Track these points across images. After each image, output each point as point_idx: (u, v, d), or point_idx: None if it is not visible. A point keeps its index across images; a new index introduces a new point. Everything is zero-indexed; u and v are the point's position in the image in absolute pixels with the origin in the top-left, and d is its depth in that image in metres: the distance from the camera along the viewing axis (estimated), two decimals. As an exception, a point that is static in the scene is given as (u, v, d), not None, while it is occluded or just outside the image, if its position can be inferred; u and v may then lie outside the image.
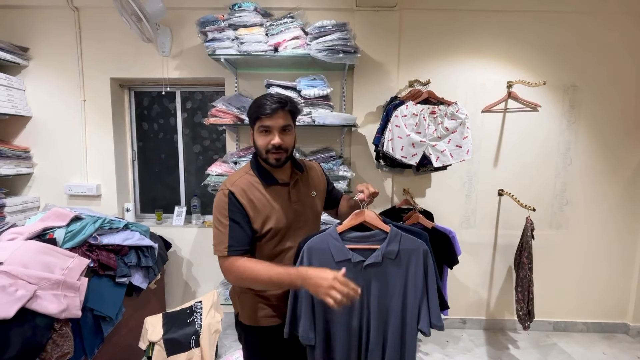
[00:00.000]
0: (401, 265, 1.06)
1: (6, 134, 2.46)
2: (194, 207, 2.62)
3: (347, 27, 2.09)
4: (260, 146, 1.10)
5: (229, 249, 1.04)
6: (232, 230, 1.05)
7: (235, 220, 1.06)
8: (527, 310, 2.16)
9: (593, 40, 2.36)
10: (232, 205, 1.06)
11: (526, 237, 2.16)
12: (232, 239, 1.05)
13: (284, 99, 1.09)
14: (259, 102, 1.09)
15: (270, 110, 1.05)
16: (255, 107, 1.09)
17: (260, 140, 1.10)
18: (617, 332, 2.57)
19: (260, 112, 1.06)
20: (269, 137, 1.08)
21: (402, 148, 1.98)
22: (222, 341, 2.30)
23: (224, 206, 1.07)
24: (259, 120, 1.08)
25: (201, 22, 2.13)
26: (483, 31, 2.36)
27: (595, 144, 2.45)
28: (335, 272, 0.92)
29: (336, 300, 0.87)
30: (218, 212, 1.08)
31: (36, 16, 2.39)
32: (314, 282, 0.92)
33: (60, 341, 1.38)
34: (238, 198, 1.07)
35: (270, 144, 1.08)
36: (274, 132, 1.08)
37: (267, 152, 1.09)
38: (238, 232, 1.06)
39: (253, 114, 1.10)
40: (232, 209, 1.06)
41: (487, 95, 2.40)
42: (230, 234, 1.05)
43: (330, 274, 0.91)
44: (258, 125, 1.09)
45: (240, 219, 1.06)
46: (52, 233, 1.68)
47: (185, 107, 2.70)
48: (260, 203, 1.10)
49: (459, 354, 2.29)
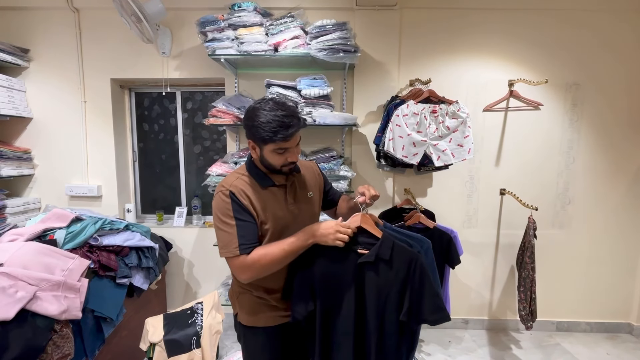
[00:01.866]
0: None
1: (7, 135, 2.46)
2: (194, 208, 2.62)
3: (347, 27, 2.08)
4: (275, 164, 1.06)
5: (240, 248, 1.01)
6: (240, 229, 1.03)
7: (241, 218, 1.04)
8: (530, 310, 2.15)
9: (595, 38, 2.34)
10: (235, 204, 1.04)
11: (528, 236, 2.15)
12: (242, 238, 1.02)
13: (297, 118, 1.02)
14: (274, 125, 0.98)
15: (289, 135, 1.00)
16: (269, 129, 0.99)
17: (275, 160, 1.05)
18: (621, 332, 2.55)
19: (277, 138, 0.99)
20: (286, 155, 1.05)
21: (403, 147, 1.97)
22: (223, 342, 2.30)
23: (227, 207, 1.04)
24: (273, 144, 1.01)
25: (201, 22, 2.13)
26: (484, 29, 2.35)
27: (598, 142, 2.43)
28: (336, 221, 1.06)
29: (342, 240, 1.04)
30: (221, 214, 1.05)
31: (36, 17, 2.39)
32: (322, 233, 1.04)
33: (60, 342, 1.38)
34: (238, 197, 1.05)
35: (287, 160, 1.06)
36: (291, 151, 1.06)
37: (282, 166, 1.08)
38: (246, 229, 1.04)
39: (266, 136, 1.00)
40: (236, 208, 1.04)
41: (488, 94, 2.38)
42: (239, 234, 1.02)
43: (332, 223, 1.06)
44: (273, 147, 1.02)
45: (245, 216, 1.05)
46: (53, 234, 1.68)
47: (185, 107, 2.70)
48: (258, 204, 1.08)
49: (462, 355, 2.28)
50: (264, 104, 1.02)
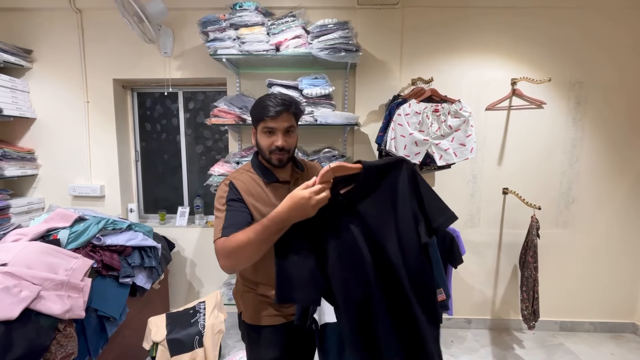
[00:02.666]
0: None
1: (11, 135, 2.48)
2: (197, 208, 2.63)
3: (349, 26, 2.08)
4: (263, 147, 1.11)
5: (222, 231, 0.99)
6: (229, 215, 1.04)
7: (232, 205, 1.06)
8: (532, 310, 2.14)
9: (599, 36, 2.32)
10: (231, 193, 1.08)
11: (531, 235, 2.14)
12: (228, 221, 1.02)
13: (289, 101, 1.09)
14: (263, 103, 1.08)
15: (275, 112, 1.06)
16: (260, 108, 1.09)
17: (263, 141, 1.11)
18: (625, 332, 2.53)
19: (265, 113, 1.06)
20: (273, 138, 1.09)
21: (405, 147, 1.96)
22: (225, 341, 2.31)
23: (222, 195, 1.08)
24: (262, 122, 1.08)
25: (202, 22, 2.13)
26: (486, 28, 2.34)
27: (602, 141, 2.41)
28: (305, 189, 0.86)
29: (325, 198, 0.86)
30: (217, 202, 1.09)
31: (39, 18, 2.41)
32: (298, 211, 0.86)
33: (64, 341, 1.39)
34: (238, 188, 1.09)
35: (273, 145, 1.09)
36: (278, 134, 1.09)
37: (270, 152, 1.10)
38: (234, 216, 1.04)
39: (257, 115, 1.10)
40: (230, 195, 1.08)
41: (491, 93, 2.37)
42: (226, 217, 1.03)
43: (305, 193, 0.85)
44: (262, 126, 1.10)
45: (237, 204, 1.07)
46: (56, 234, 1.69)
47: (187, 107, 2.70)
48: (261, 198, 1.11)
49: (464, 354, 2.28)
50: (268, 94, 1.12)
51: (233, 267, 0.99)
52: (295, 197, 0.86)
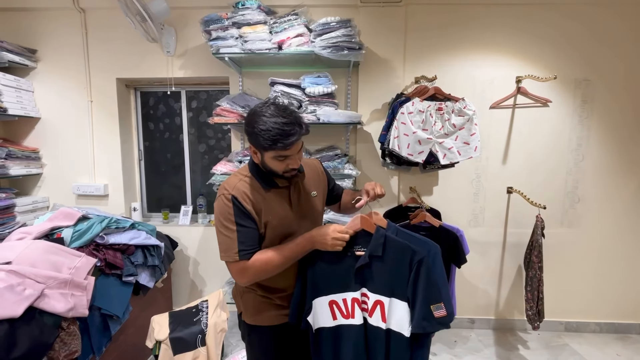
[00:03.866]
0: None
1: (16, 135, 2.50)
2: (199, 206, 2.63)
3: (352, 24, 2.06)
4: (277, 170, 1.04)
5: (240, 254, 1.01)
6: (241, 235, 1.02)
7: (242, 224, 1.03)
8: (537, 310, 2.12)
9: (606, 33, 2.29)
10: (237, 209, 1.03)
11: (536, 235, 2.12)
12: (242, 244, 1.02)
13: (299, 125, 0.98)
14: (274, 133, 0.95)
15: (290, 144, 0.97)
16: (270, 139, 0.95)
17: (276, 166, 1.03)
18: (631, 333, 2.50)
19: (278, 146, 0.96)
20: (287, 162, 1.02)
21: (408, 145, 1.95)
22: (228, 340, 2.31)
23: (228, 211, 1.02)
24: (274, 151, 0.98)
25: (205, 21, 2.13)
26: (491, 25, 2.31)
27: (609, 139, 2.38)
28: (332, 227, 1.05)
29: (339, 245, 1.05)
30: (223, 218, 1.03)
31: (43, 18, 2.42)
32: (320, 241, 1.05)
33: (68, 340, 1.39)
34: (241, 201, 1.03)
35: (289, 167, 1.03)
36: (293, 157, 1.03)
37: (284, 172, 1.05)
38: (247, 235, 1.03)
39: (266, 144, 0.97)
40: (238, 213, 1.02)
41: (495, 91, 2.35)
42: (239, 239, 1.01)
43: (329, 229, 1.05)
44: (274, 155, 1.00)
45: (246, 222, 1.03)
46: (60, 232, 1.70)
47: (190, 106, 2.70)
48: (262, 206, 1.06)
49: (468, 354, 2.26)
50: (265, 109, 0.98)
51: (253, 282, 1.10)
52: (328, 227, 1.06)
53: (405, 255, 1.05)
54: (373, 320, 1.09)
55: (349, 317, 1.11)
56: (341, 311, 1.11)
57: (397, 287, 1.05)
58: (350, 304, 1.10)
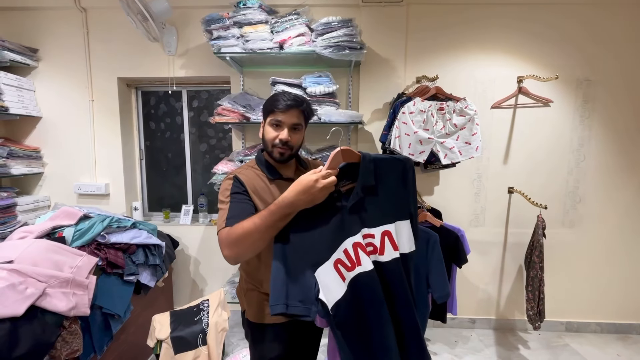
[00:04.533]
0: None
1: (17, 134, 2.50)
2: (200, 206, 2.63)
3: (353, 23, 2.06)
4: (268, 139, 1.13)
5: (227, 222, 0.99)
6: (233, 206, 1.04)
7: (236, 198, 1.07)
8: (538, 310, 2.12)
9: (608, 33, 2.29)
10: (235, 186, 1.09)
11: (537, 235, 2.12)
12: (231, 212, 1.02)
13: (300, 99, 1.13)
14: (276, 97, 1.13)
15: (285, 106, 1.09)
16: (272, 100, 1.13)
17: (269, 134, 1.13)
18: (632, 333, 2.50)
19: (275, 106, 1.10)
20: (278, 131, 1.11)
21: (409, 145, 1.95)
22: (229, 339, 2.31)
23: (227, 187, 1.09)
24: (272, 114, 1.12)
25: (206, 20, 2.13)
26: (492, 25, 2.31)
27: (610, 139, 2.37)
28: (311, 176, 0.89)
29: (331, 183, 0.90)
30: (221, 195, 1.09)
31: (45, 17, 2.42)
32: (306, 198, 0.89)
33: (69, 339, 1.39)
34: (242, 181, 1.10)
35: (278, 138, 1.11)
36: (284, 128, 1.11)
37: (273, 145, 1.12)
38: (238, 207, 1.04)
39: (268, 107, 1.14)
40: (234, 189, 1.08)
41: (496, 91, 2.34)
42: (230, 209, 1.03)
43: (310, 179, 0.89)
44: (270, 118, 1.12)
45: (241, 197, 1.07)
46: (61, 232, 1.70)
47: (191, 106, 2.71)
48: (264, 193, 1.12)
49: (468, 354, 2.26)
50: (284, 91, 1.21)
51: (237, 256, 0.98)
52: (302, 181, 0.90)
53: (396, 167, 0.98)
54: (386, 256, 0.93)
55: (354, 267, 0.91)
56: (345, 266, 0.91)
57: (398, 208, 0.95)
58: (353, 253, 0.91)
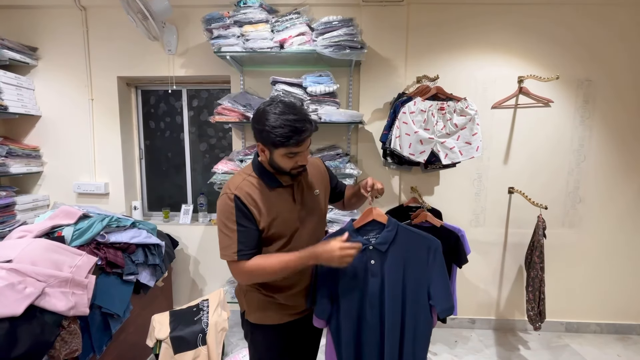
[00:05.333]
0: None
1: (16, 133, 2.49)
2: (200, 206, 2.62)
3: (354, 23, 2.06)
4: (285, 167, 1.04)
5: (238, 254, 1.03)
6: (241, 235, 1.03)
7: (243, 224, 1.04)
8: (538, 311, 2.11)
9: (609, 33, 2.28)
10: (239, 210, 1.04)
11: (537, 235, 2.11)
12: (241, 244, 1.03)
13: (309, 122, 1.00)
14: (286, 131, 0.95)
15: (302, 140, 0.99)
16: (283, 135, 0.96)
17: (284, 163, 1.03)
18: (632, 334, 2.50)
19: (289, 143, 0.97)
20: (296, 159, 1.03)
21: (409, 145, 1.94)
22: (228, 339, 2.31)
23: (230, 211, 1.04)
24: (285, 148, 0.98)
25: (206, 19, 2.12)
26: (493, 25, 2.31)
27: (610, 140, 2.37)
28: (338, 241, 1.00)
29: (348, 260, 0.99)
30: (225, 218, 1.05)
31: (44, 16, 2.41)
32: (326, 257, 1.00)
33: (68, 338, 1.39)
34: (244, 202, 1.04)
35: (297, 164, 1.04)
36: (302, 154, 1.04)
37: (291, 169, 1.05)
38: (246, 236, 1.04)
39: (278, 141, 0.97)
40: (239, 214, 1.04)
41: (497, 91, 2.34)
42: (239, 239, 1.03)
43: (336, 245, 0.99)
44: (284, 152, 1.00)
45: (247, 222, 1.04)
46: (61, 231, 1.69)
47: (191, 105, 2.70)
48: (265, 205, 1.07)
49: (468, 355, 2.26)
50: (273, 107, 0.98)
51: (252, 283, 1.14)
52: (328, 244, 1.01)
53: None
54: None
55: None
56: None
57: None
58: None
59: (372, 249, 1.11)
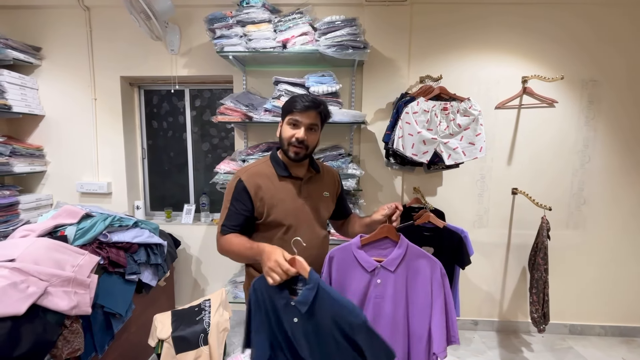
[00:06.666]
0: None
1: (20, 132, 2.50)
2: (202, 205, 2.63)
3: (357, 23, 2.05)
4: (285, 137, 1.19)
5: (222, 228, 1.19)
6: (230, 213, 1.19)
7: (235, 206, 1.19)
8: (543, 313, 2.10)
9: (613, 33, 2.26)
10: (237, 192, 1.19)
11: (542, 237, 2.10)
12: (227, 220, 1.19)
13: (318, 101, 1.19)
14: (295, 98, 1.19)
15: (303, 107, 1.15)
16: (291, 101, 1.19)
17: (286, 132, 1.19)
18: (637, 337, 2.47)
19: (294, 106, 1.16)
20: (295, 130, 1.18)
21: (412, 145, 1.93)
22: (230, 339, 2.30)
23: (230, 191, 1.20)
24: (290, 114, 1.18)
25: (209, 19, 2.12)
26: (497, 25, 2.29)
27: (615, 140, 2.35)
28: (281, 256, 0.94)
29: (273, 278, 0.93)
30: (226, 193, 1.22)
31: (48, 16, 2.42)
32: (264, 259, 0.99)
33: (70, 337, 1.39)
34: (246, 186, 1.18)
35: (294, 137, 1.17)
36: (301, 127, 1.17)
37: (289, 144, 1.18)
38: (233, 216, 1.19)
39: (286, 107, 1.20)
40: (235, 196, 1.19)
41: (501, 91, 2.33)
42: (227, 215, 1.19)
43: (277, 256, 0.95)
44: (288, 118, 1.19)
45: (239, 205, 1.18)
46: (63, 230, 1.70)
47: (194, 105, 2.70)
48: (268, 191, 1.19)
49: (471, 356, 2.24)
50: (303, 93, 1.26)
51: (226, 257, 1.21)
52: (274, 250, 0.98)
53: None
54: None
55: None
56: None
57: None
58: None
59: (293, 305, 0.97)
